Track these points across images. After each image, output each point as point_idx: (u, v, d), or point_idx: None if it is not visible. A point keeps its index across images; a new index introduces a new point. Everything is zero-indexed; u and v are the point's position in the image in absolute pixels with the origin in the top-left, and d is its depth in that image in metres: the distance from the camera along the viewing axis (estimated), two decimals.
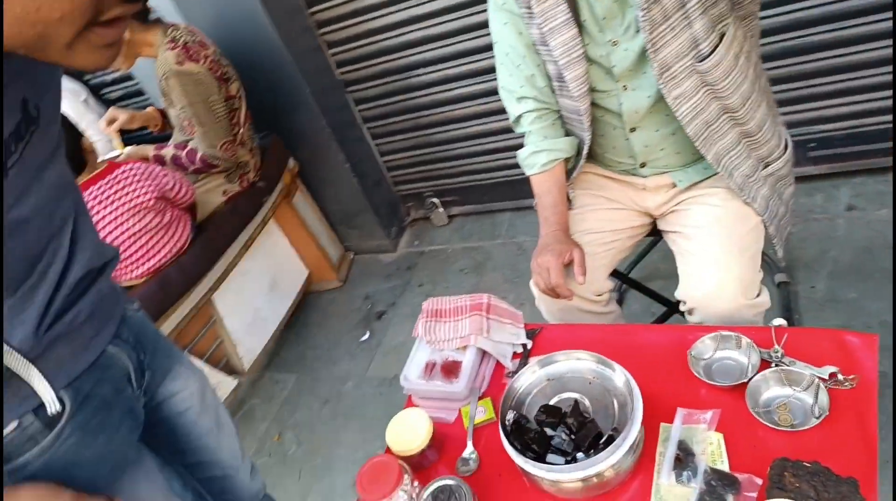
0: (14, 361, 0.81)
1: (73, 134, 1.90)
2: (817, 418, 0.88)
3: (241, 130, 2.40)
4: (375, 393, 2.30)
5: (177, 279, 2.18)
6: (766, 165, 1.29)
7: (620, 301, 2.14)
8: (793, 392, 0.94)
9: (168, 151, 2.33)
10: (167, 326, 2.15)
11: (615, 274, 1.69)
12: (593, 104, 1.31)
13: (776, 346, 0.99)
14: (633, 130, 1.30)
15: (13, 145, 0.70)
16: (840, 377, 0.92)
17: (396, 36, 2.52)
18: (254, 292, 2.60)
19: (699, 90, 1.16)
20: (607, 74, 1.24)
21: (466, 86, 2.56)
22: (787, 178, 1.34)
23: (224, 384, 2.41)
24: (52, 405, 0.84)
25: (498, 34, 1.33)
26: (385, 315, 2.66)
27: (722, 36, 1.13)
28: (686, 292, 1.26)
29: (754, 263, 1.23)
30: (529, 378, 1.07)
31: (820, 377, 0.93)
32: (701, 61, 1.13)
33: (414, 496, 1.01)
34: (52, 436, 0.87)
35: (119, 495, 0.97)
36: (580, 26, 1.20)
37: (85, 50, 0.56)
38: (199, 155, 2.28)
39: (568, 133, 1.40)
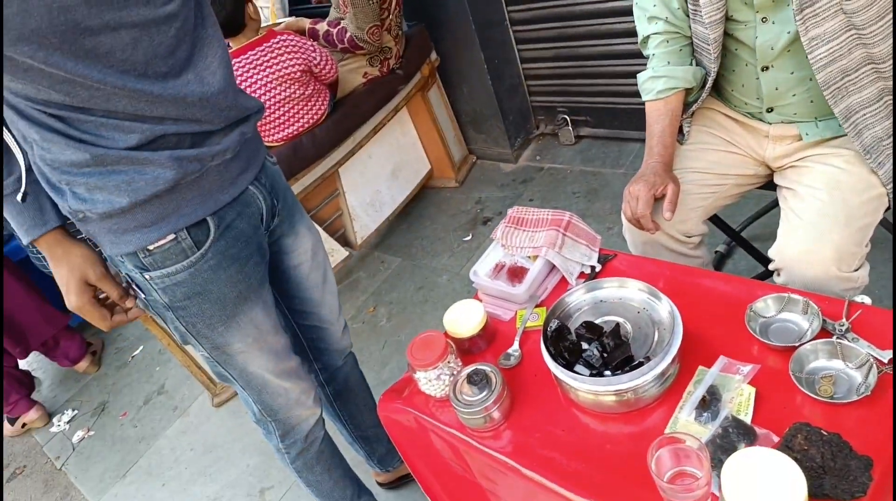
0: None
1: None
2: (858, 396, 0.86)
3: (390, 17, 2.47)
4: (464, 290, 2.44)
5: (309, 148, 2.38)
6: None
7: (727, 255, 2.05)
8: (843, 367, 0.90)
9: (322, 26, 2.47)
10: (296, 187, 2.38)
11: (720, 224, 1.63)
12: (728, 35, 1.22)
13: (843, 319, 0.95)
14: (765, 69, 1.21)
15: None
16: None
17: None
18: (377, 175, 2.78)
19: (843, 33, 1.05)
20: (746, 3, 1.14)
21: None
22: None
23: (337, 253, 2.66)
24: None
25: None
26: (490, 222, 2.74)
27: None
28: (778, 250, 1.20)
29: (860, 235, 1.14)
30: (582, 296, 1.11)
31: (877, 359, 0.88)
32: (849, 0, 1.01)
33: (454, 373, 1.13)
34: (199, 253, 1.06)
35: (240, 317, 1.15)
36: None
37: None
38: (347, 35, 2.40)
39: (696, 63, 1.33)
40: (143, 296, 1.10)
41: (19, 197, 0.98)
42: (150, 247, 1.02)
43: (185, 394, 2.64)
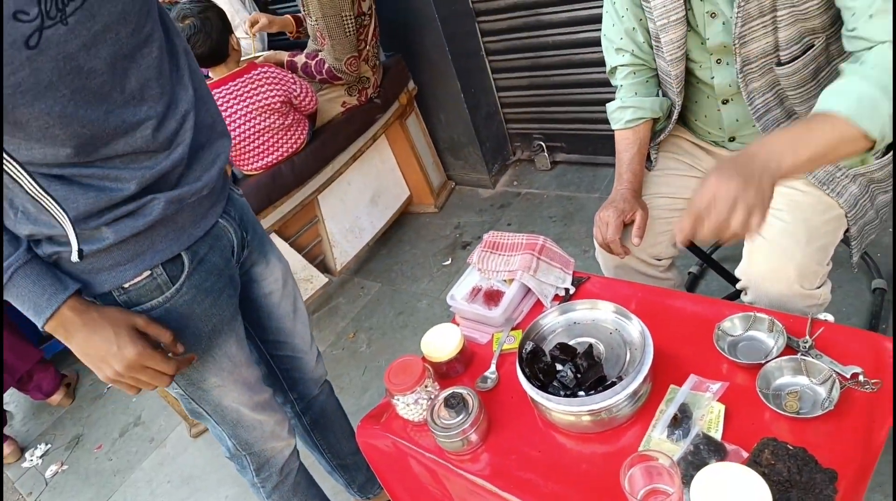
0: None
1: (224, 29, 2.11)
2: (822, 410, 0.88)
3: (367, 47, 2.52)
4: (444, 314, 2.45)
5: (288, 176, 2.40)
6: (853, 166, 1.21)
7: (700, 276, 2.10)
8: (808, 383, 0.93)
9: (300, 58, 2.51)
10: (275, 215, 2.40)
11: (690, 246, 1.66)
12: (689, 72, 1.28)
13: (807, 336, 0.98)
14: (725, 102, 1.27)
15: None
16: (862, 378, 0.90)
17: None
18: (356, 202, 2.80)
19: (773, 88, 1.17)
20: (702, 44, 1.20)
21: (593, 30, 2.50)
22: (884, 183, 1.24)
23: (316, 279, 2.66)
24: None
25: None
26: (469, 246, 2.77)
27: (808, 49, 1.10)
28: (743, 269, 1.24)
29: (821, 254, 1.19)
30: (556, 318, 1.13)
31: (840, 375, 0.92)
32: (778, 66, 1.12)
33: (432, 396, 1.14)
34: (174, 289, 1.05)
35: (215, 350, 1.15)
36: None
37: None
38: (325, 66, 2.44)
39: (662, 93, 1.38)
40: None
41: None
42: (126, 285, 1.01)
43: (161, 425, 2.60)
